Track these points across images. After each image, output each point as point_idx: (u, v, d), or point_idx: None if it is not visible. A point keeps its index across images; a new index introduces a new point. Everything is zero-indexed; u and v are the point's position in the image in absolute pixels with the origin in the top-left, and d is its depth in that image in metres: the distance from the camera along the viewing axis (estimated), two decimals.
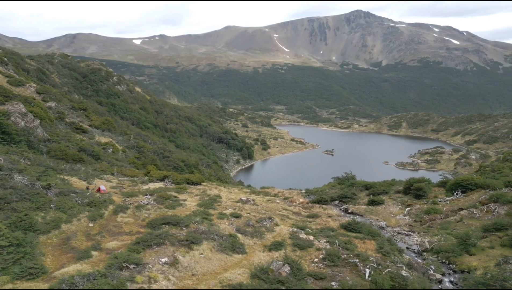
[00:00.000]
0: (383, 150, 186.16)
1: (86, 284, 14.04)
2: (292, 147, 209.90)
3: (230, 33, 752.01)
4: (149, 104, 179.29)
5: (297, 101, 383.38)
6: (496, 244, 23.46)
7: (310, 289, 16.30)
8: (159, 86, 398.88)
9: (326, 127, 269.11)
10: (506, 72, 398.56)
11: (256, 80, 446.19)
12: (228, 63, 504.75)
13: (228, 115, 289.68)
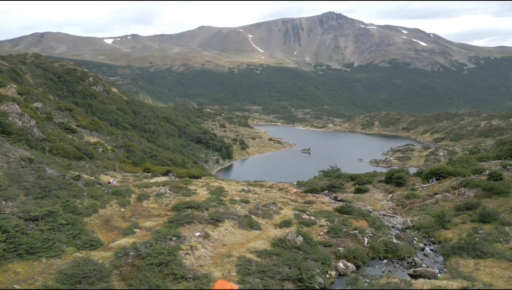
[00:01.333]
0: (357, 148, 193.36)
1: (146, 250, 17.06)
2: (270, 147, 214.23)
3: (204, 33, 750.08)
4: (127, 105, 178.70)
5: (273, 102, 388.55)
6: (467, 220, 27.91)
7: (321, 251, 19.90)
8: (132, 86, 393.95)
9: (302, 126, 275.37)
10: (470, 72, 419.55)
11: (232, 80, 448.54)
12: (203, 63, 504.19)
13: (205, 116, 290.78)
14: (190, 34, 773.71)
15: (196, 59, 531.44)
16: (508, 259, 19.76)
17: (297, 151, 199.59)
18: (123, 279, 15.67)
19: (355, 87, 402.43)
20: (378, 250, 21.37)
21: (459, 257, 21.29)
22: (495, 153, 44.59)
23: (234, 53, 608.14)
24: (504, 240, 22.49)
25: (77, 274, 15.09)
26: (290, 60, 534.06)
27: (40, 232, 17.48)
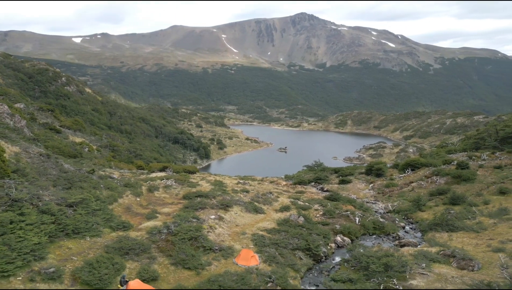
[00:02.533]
0: (331, 147, 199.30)
1: (176, 228, 19.72)
2: (248, 146, 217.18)
3: (177, 33, 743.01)
4: (102, 105, 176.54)
5: (248, 101, 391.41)
6: (439, 203, 31.98)
7: (321, 228, 23.16)
8: (104, 86, 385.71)
9: (278, 126, 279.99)
10: (436, 73, 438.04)
11: (206, 80, 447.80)
12: (177, 63, 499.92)
13: (181, 116, 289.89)
14: (163, 34, 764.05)
15: (169, 58, 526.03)
16: (475, 231, 23.71)
17: (274, 150, 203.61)
18: (161, 251, 18.31)
19: (328, 87, 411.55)
20: (368, 227, 24.89)
21: (435, 232, 25.10)
22: (462, 147, 49.55)
23: (208, 53, 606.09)
24: (472, 217, 26.50)
25: (123, 247, 17.62)
26: (264, 60, 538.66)
27: (80, 216, 19.78)
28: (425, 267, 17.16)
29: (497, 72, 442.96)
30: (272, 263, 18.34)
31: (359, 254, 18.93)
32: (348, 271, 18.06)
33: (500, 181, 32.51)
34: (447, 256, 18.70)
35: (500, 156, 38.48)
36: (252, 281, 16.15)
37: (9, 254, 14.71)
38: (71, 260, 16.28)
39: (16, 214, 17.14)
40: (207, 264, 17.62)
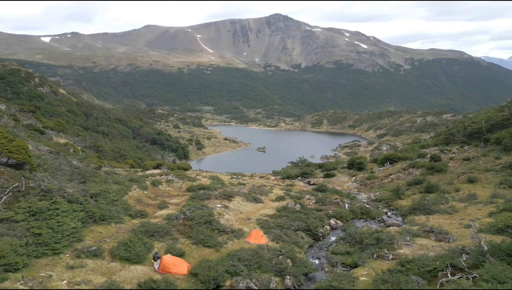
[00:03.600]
0: (308, 146, 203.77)
1: (191, 214, 22.02)
2: (226, 146, 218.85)
3: (151, 33, 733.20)
4: (77, 107, 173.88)
5: (225, 102, 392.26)
6: (416, 192, 35.52)
7: (317, 213, 26.00)
8: (75, 87, 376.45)
9: (256, 126, 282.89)
10: (406, 73, 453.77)
11: (182, 80, 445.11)
12: (151, 63, 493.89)
13: (157, 117, 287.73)
14: (136, 33, 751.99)
15: (143, 59, 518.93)
16: (448, 213, 27.16)
17: (253, 150, 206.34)
18: (181, 233, 20.60)
19: (303, 87, 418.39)
20: (356, 212, 27.96)
21: (414, 215, 28.43)
22: (433, 142, 53.90)
23: (183, 53, 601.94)
24: (445, 202, 30.02)
25: (148, 230, 19.83)
26: (240, 61, 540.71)
27: (102, 205, 21.75)
28: (409, 240, 20.27)
29: (463, 72, 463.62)
30: (279, 241, 20.97)
31: (353, 231, 21.87)
32: (344, 246, 20.93)
33: (468, 171, 36.41)
34: (427, 231, 21.92)
35: (468, 150, 42.67)
36: (265, 255, 18.71)
37: (55, 236, 16.66)
38: (104, 242, 18.33)
39: (50, 203, 19.02)
40: (224, 243, 20.07)
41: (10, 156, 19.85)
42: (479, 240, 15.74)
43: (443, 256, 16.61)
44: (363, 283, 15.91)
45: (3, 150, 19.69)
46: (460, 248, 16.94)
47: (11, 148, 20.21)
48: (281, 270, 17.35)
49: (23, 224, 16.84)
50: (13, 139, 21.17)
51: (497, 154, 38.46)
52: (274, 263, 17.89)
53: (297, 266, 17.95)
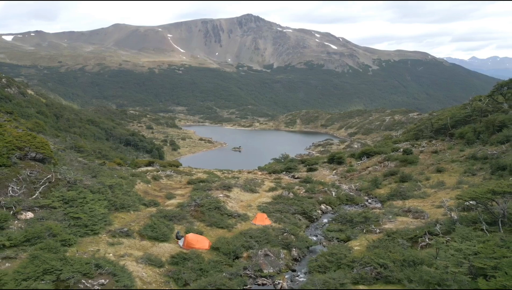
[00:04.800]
0: (283, 145, 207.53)
1: (201, 201, 24.57)
2: (202, 146, 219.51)
3: (119, 32, 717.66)
4: (46, 108, 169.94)
5: (197, 102, 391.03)
6: (392, 181, 39.44)
7: (309, 200, 29.18)
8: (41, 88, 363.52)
9: (230, 126, 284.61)
10: (374, 74, 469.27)
11: (153, 80, 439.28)
12: (120, 63, 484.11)
13: (129, 117, 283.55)
14: (104, 32, 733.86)
15: (112, 58, 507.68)
16: (421, 197, 31.04)
17: (229, 149, 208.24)
18: (195, 218, 23.15)
19: (276, 87, 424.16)
20: (342, 199, 31.39)
21: (392, 200, 32.14)
22: (404, 138, 58.65)
23: (153, 52, 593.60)
24: (418, 189, 33.95)
25: (167, 215, 22.27)
26: (212, 61, 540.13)
27: (119, 195, 23.93)
28: (392, 218, 23.76)
29: (428, 73, 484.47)
30: (280, 222, 23.92)
31: (343, 213, 25.18)
32: (337, 225, 24.16)
33: (437, 163, 40.76)
34: (405, 211, 25.54)
35: (435, 144, 47.28)
36: (271, 233, 21.60)
37: (91, 219, 18.86)
38: (130, 225, 20.63)
39: (78, 193, 21.11)
40: (234, 224, 22.81)
41: (37, 151, 21.70)
42: (450, 212, 19.33)
43: (421, 227, 20.13)
44: (357, 251, 19.12)
45: (31, 146, 21.51)
46: (434, 221, 20.52)
47: (36, 144, 22.04)
48: (288, 244, 20.33)
49: (60, 210, 18.91)
50: (35, 136, 22.98)
51: (461, 147, 43.10)
52: (280, 239, 20.84)
53: (300, 241, 20.98)
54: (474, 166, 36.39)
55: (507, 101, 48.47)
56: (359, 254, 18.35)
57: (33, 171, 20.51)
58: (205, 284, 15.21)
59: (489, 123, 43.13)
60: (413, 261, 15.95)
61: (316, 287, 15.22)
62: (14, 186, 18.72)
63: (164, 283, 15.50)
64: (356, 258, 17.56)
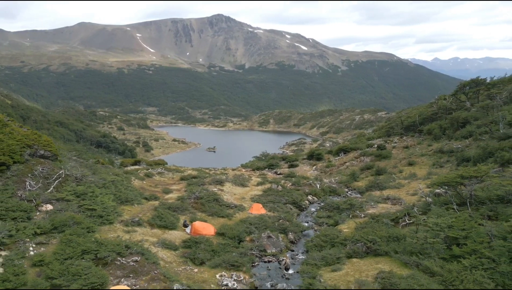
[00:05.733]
0: (257, 144, 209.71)
1: (200, 194, 26.32)
2: (175, 147, 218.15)
3: (85, 30, 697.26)
4: (12, 109, 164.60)
5: (169, 103, 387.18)
6: (369, 175, 42.54)
7: (297, 192, 31.53)
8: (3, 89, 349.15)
9: (204, 126, 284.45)
10: (344, 74, 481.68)
11: (122, 81, 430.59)
12: (87, 63, 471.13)
13: (99, 119, 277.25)
14: (69, 31, 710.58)
15: (78, 58, 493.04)
16: (397, 187, 34.10)
17: (203, 150, 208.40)
18: (196, 209, 24.92)
19: (248, 87, 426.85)
20: (326, 191, 33.99)
21: (370, 191, 35.05)
22: (377, 135, 62.43)
23: (122, 52, 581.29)
24: (393, 181, 37.11)
25: (171, 207, 23.92)
26: (183, 61, 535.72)
27: (121, 189, 25.31)
28: (374, 205, 26.49)
29: (394, 73, 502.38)
30: (274, 211, 26.09)
31: (330, 201, 27.67)
32: (325, 212, 26.63)
33: (408, 157, 44.30)
34: (385, 199, 28.38)
35: (406, 140, 51.01)
36: (268, 220, 23.73)
37: (105, 210, 20.29)
38: (138, 217, 22.14)
39: (86, 187, 22.40)
40: (233, 214, 24.76)
41: (45, 149, 22.76)
42: (425, 196, 22.17)
43: (401, 210, 22.88)
44: (347, 233, 21.58)
45: (39, 145, 22.55)
46: (411, 205, 23.34)
47: (43, 142, 23.08)
48: (284, 229, 22.53)
49: (74, 202, 20.21)
50: (41, 135, 23.99)
51: (429, 142, 46.91)
52: (277, 225, 23.00)
53: (295, 226, 23.23)
54: (441, 159, 40.02)
55: (469, 99, 52.95)
56: (349, 235, 20.81)
57: (45, 167, 21.60)
58: (219, 261, 17.14)
59: (454, 120, 47.18)
60: (396, 237, 18.56)
61: (316, 261, 17.50)
62: (31, 181, 19.83)
63: (182, 262, 17.25)
64: (348, 237, 20.01)
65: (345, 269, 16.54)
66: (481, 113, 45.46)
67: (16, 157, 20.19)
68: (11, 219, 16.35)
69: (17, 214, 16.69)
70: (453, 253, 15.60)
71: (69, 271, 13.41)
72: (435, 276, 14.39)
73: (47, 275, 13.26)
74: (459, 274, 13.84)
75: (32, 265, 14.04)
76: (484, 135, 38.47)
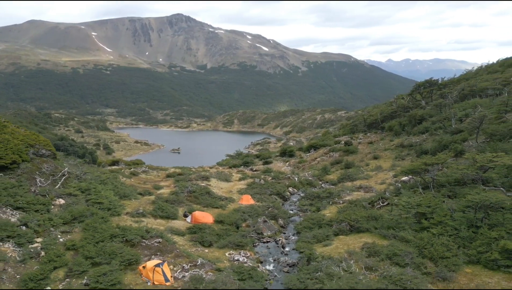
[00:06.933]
0: (222, 144, 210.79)
1: (192, 188, 28.24)
2: (138, 149, 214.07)
3: (36, 29, 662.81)
4: None
5: (128, 104, 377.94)
6: (339, 169, 46.07)
7: (279, 184, 34.20)
8: None
9: (167, 127, 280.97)
10: (304, 75, 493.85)
11: (78, 81, 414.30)
12: (39, 63, 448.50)
13: (55, 121, 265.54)
14: (18, 29, 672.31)
15: (28, 57, 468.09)
16: (365, 178, 37.73)
17: (167, 151, 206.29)
18: (191, 201, 26.85)
19: (210, 88, 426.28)
20: (304, 183, 36.97)
21: (342, 183, 38.47)
22: (342, 132, 66.76)
23: (76, 51, 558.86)
24: (361, 173, 40.80)
25: (168, 200, 25.72)
26: (143, 61, 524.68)
27: (118, 185, 26.73)
28: (349, 193, 29.73)
29: (351, 74, 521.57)
30: (262, 201, 28.57)
31: (310, 191, 30.60)
32: (307, 201, 29.53)
33: (373, 151, 48.39)
34: (358, 188, 31.76)
35: (370, 136, 55.36)
36: (258, 208, 26.18)
37: (111, 204, 21.81)
38: (140, 209, 23.78)
39: (87, 184, 23.74)
40: (226, 205, 26.96)
41: (45, 148, 23.78)
42: (396, 183, 25.58)
43: (375, 196, 26.19)
44: (329, 216, 24.51)
45: (40, 144, 23.54)
46: (383, 191, 26.73)
47: (42, 142, 24.07)
48: (274, 215, 25.10)
49: (81, 197, 21.59)
50: (39, 135, 24.91)
51: (391, 137, 51.42)
52: (267, 212, 25.51)
53: (283, 213, 25.86)
54: (402, 152, 44.31)
55: (424, 98, 58.30)
56: (333, 217, 23.73)
57: (49, 165, 22.69)
58: (226, 243, 19.38)
59: (411, 117, 51.99)
60: (374, 216, 21.70)
61: (309, 239, 20.22)
62: (40, 178, 20.95)
63: (192, 245, 19.29)
64: (332, 219, 22.92)
65: (334, 244, 19.37)
66: (435, 110, 50.51)
67: (23, 156, 21.21)
68: (34, 211, 17.66)
69: (38, 207, 18.00)
70: (423, 225, 18.89)
71: (105, 251, 15.16)
72: (410, 243, 17.54)
73: (85, 255, 14.92)
74: (429, 240, 17.05)
75: (66, 249, 15.61)
76: (439, 130, 43.15)
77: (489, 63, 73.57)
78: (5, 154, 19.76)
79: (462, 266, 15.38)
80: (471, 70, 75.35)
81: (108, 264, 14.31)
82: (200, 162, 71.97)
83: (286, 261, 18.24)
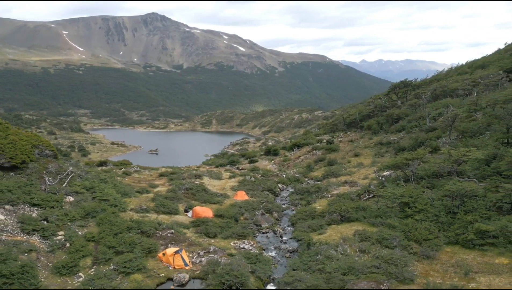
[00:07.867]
0: (201, 145, 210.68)
1: (188, 186, 29.55)
2: (114, 151, 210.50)
3: (3, 27, 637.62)
4: None
5: (103, 104, 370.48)
6: (322, 166, 48.30)
7: (269, 181, 35.92)
8: None
9: (143, 128, 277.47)
10: (280, 75, 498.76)
11: (48, 81, 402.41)
12: (7, 62, 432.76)
13: (26, 123, 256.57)
14: None
15: None
16: (348, 174, 40.01)
17: (145, 152, 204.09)
18: (188, 198, 28.16)
19: (187, 88, 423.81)
20: (291, 180, 38.89)
21: (328, 179, 40.62)
22: (322, 131, 69.30)
23: (46, 51, 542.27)
24: (344, 169, 43.14)
25: (168, 197, 26.96)
26: (117, 60, 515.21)
27: (117, 184, 27.73)
28: (336, 187, 31.83)
29: (326, 74, 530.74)
30: (256, 197, 30.23)
31: (300, 187, 32.50)
32: (297, 196, 31.42)
33: (354, 149, 50.95)
34: (343, 183, 33.92)
35: (350, 134, 58.01)
36: (253, 203, 27.81)
37: (116, 200, 22.91)
38: (142, 205, 24.95)
39: (90, 182, 24.73)
40: (222, 201, 28.43)
41: (48, 149, 24.55)
42: (379, 177, 27.83)
43: (361, 189, 28.35)
44: (320, 209, 26.45)
45: (43, 145, 24.30)
46: (368, 185, 28.94)
47: (44, 143, 24.83)
48: (269, 209, 26.82)
49: (87, 195, 22.60)
50: (40, 137, 25.61)
51: (370, 136, 54.17)
52: (262, 206, 27.20)
53: (276, 207, 27.62)
54: (381, 150, 47.00)
55: (400, 99, 61.54)
56: (324, 209, 25.68)
57: (53, 165, 23.51)
58: (229, 234, 20.95)
59: (389, 116, 54.95)
60: (362, 207, 23.78)
61: (304, 229, 22.05)
62: (48, 177, 21.80)
63: (199, 236, 20.72)
64: (324, 211, 24.87)
65: (328, 232, 21.30)
66: (410, 110, 53.62)
67: (30, 156, 22.01)
68: (50, 208, 18.65)
69: (52, 204, 19.01)
70: (407, 213, 21.09)
71: (125, 241, 16.44)
72: (396, 229, 19.66)
73: (107, 245, 16.17)
74: (413, 225, 19.21)
75: (86, 240, 16.77)
76: (415, 128, 46.08)
77: (458, 64, 78.06)
78: (15, 155, 20.52)
79: (443, 246, 17.61)
80: (442, 72, 79.65)
81: (131, 252, 15.61)
82: (179, 163, 72.64)
83: (287, 248, 20.02)
